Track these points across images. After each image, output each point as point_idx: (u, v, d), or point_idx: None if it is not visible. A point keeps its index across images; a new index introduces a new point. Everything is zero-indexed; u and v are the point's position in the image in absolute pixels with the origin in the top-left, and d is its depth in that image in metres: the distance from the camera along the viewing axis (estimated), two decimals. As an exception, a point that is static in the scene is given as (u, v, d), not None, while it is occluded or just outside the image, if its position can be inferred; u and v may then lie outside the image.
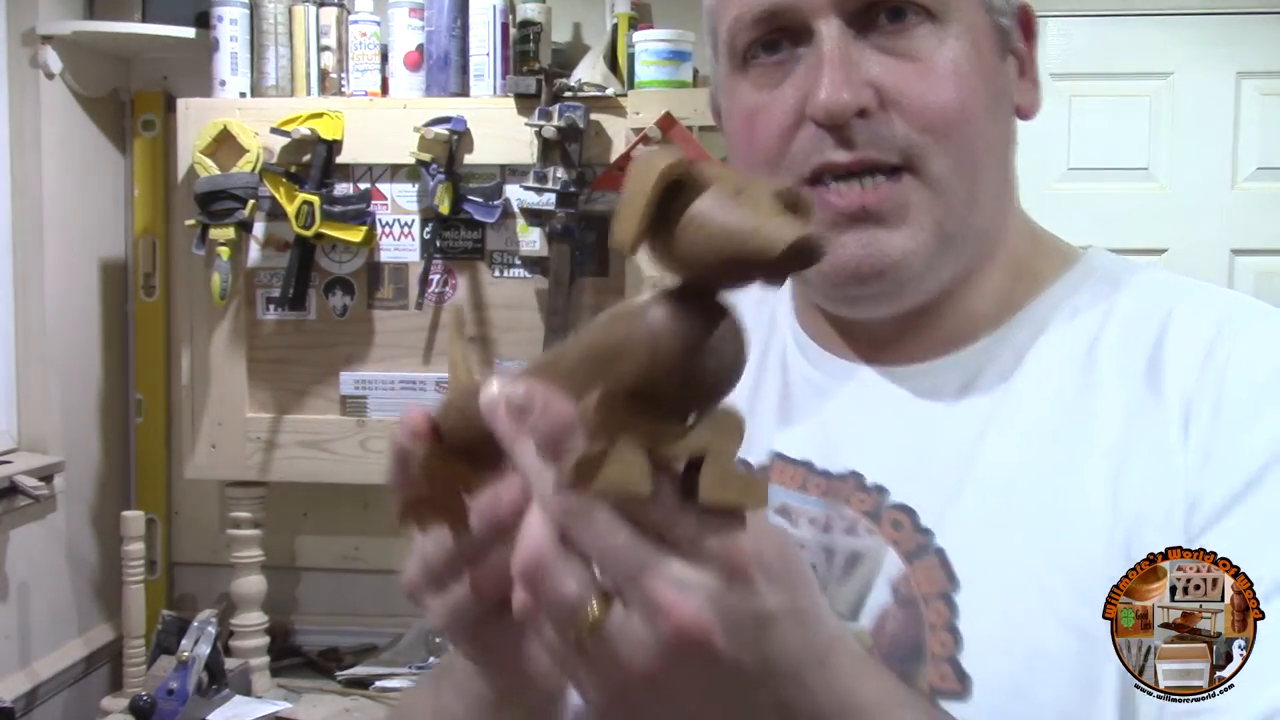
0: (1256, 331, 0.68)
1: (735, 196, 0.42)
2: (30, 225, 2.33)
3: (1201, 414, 0.64)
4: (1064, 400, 0.68)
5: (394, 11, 2.29)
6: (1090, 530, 0.63)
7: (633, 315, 0.44)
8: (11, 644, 2.25)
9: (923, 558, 0.66)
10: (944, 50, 0.68)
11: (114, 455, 2.57)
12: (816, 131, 0.67)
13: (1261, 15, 2.79)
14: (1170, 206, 2.84)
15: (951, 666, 0.63)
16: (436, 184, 2.19)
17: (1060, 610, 0.62)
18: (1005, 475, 0.67)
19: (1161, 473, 0.64)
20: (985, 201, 0.71)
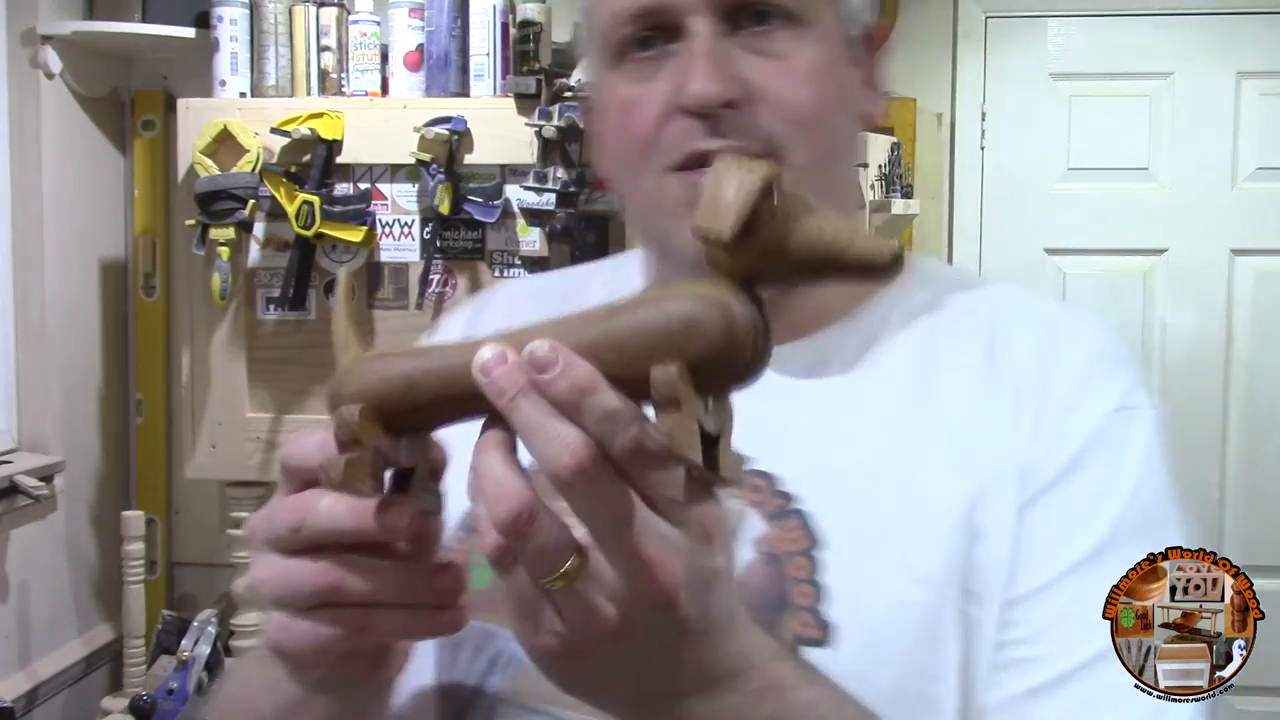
0: (1073, 327, 0.78)
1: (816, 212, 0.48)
2: (30, 225, 2.33)
3: (1030, 398, 0.73)
4: (908, 382, 0.75)
5: (394, 11, 2.29)
6: (937, 495, 0.70)
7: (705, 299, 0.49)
8: (11, 644, 2.25)
9: (784, 519, 0.71)
10: (804, 52, 0.73)
11: (114, 455, 2.57)
12: (687, 121, 0.71)
13: (1261, 15, 2.80)
14: (1170, 206, 2.84)
15: (813, 616, 0.68)
16: (436, 184, 2.19)
17: (912, 566, 0.68)
18: (858, 445, 0.73)
19: (998, 447, 0.71)
20: (838, 196, 0.77)
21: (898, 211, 2.43)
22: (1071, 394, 0.73)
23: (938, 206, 2.81)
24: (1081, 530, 0.69)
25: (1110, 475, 0.71)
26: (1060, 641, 0.68)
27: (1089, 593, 0.67)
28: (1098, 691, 0.67)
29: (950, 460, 0.71)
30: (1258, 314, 2.85)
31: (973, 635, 0.68)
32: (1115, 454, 0.72)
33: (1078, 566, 0.69)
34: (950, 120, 2.83)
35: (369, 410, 0.53)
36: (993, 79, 2.84)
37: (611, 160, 0.79)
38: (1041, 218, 2.87)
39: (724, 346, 0.48)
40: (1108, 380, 0.75)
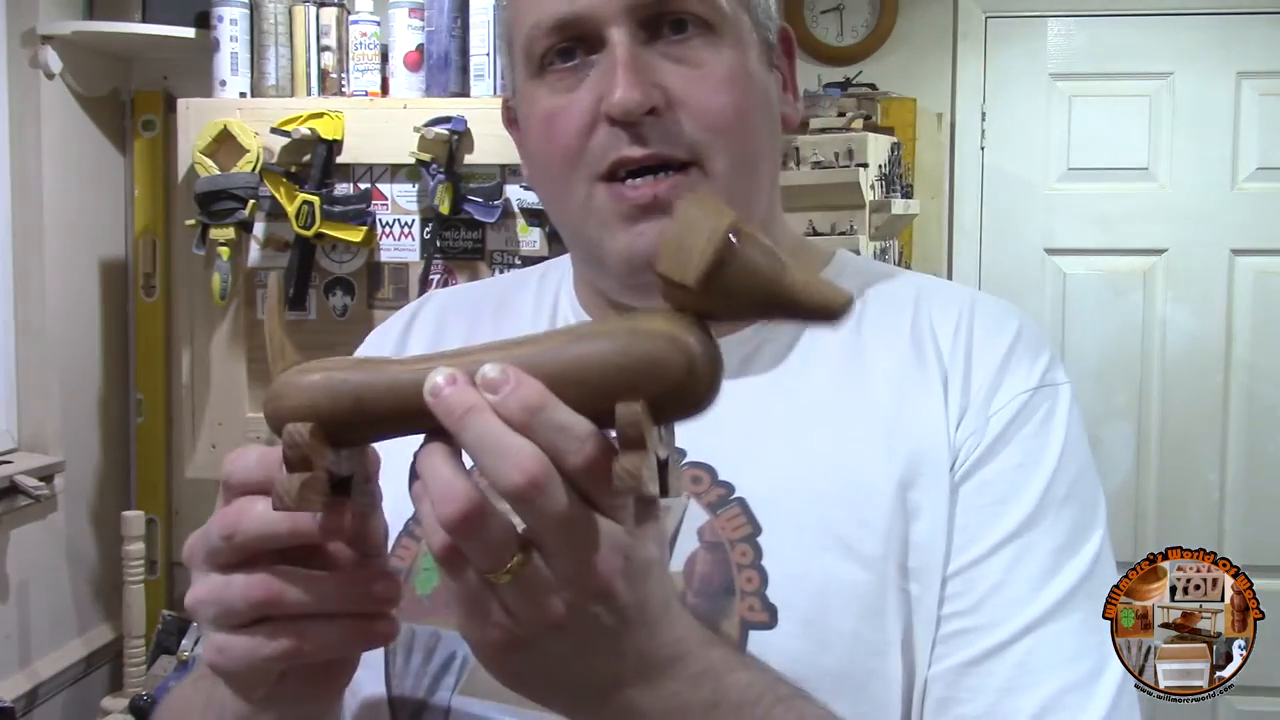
0: (990, 311, 0.80)
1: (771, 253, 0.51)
2: (30, 225, 2.33)
3: (956, 382, 0.76)
4: (838, 370, 0.77)
5: (394, 11, 2.29)
6: (871, 477, 0.73)
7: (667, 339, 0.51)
8: (11, 644, 2.25)
9: (725, 507, 0.73)
10: (721, 59, 0.75)
11: (114, 455, 2.57)
12: (611, 130, 0.73)
13: (1261, 15, 2.79)
14: (1170, 206, 2.84)
15: (759, 600, 0.70)
16: (436, 184, 2.19)
17: (851, 546, 0.71)
18: (793, 434, 0.75)
19: (928, 429, 0.74)
20: (761, 199, 0.79)
21: (898, 211, 2.43)
22: (995, 374, 0.76)
23: (938, 206, 2.81)
24: (1011, 503, 0.73)
25: (1035, 450, 0.74)
26: (995, 612, 0.71)
27: (1021, 563, 0.71)
28: (1032, 658, 0.70)
29: (883, 443, 0.74)
30: (1258, 314, 2.85)
31: (913, 611, 0.71)
32: (1038, 429, 0.75)
33: (1009, 539, 0.72)
34: (950, 120, 2.83)
35: (318, 429, 0.54)
36: (993, 79, 2.83)
37: (538, 170, 0.80)
38: (1041, 218, 2.87)
39: (685, 384, 0.51)
40: (1027, 360, 0.77)
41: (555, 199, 0.79)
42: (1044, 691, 0.69)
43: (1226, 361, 2.85)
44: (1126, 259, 2.87)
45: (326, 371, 0.55)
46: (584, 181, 0.75)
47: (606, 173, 0.74)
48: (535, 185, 0.84)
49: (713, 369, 0.52)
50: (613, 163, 0.74)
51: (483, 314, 0.88)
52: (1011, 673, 0.70)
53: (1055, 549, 0.72)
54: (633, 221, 0.74)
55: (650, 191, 0.73)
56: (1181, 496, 2.85)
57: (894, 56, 2.79)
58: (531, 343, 0.53)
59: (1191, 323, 2.85)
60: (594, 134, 0.74)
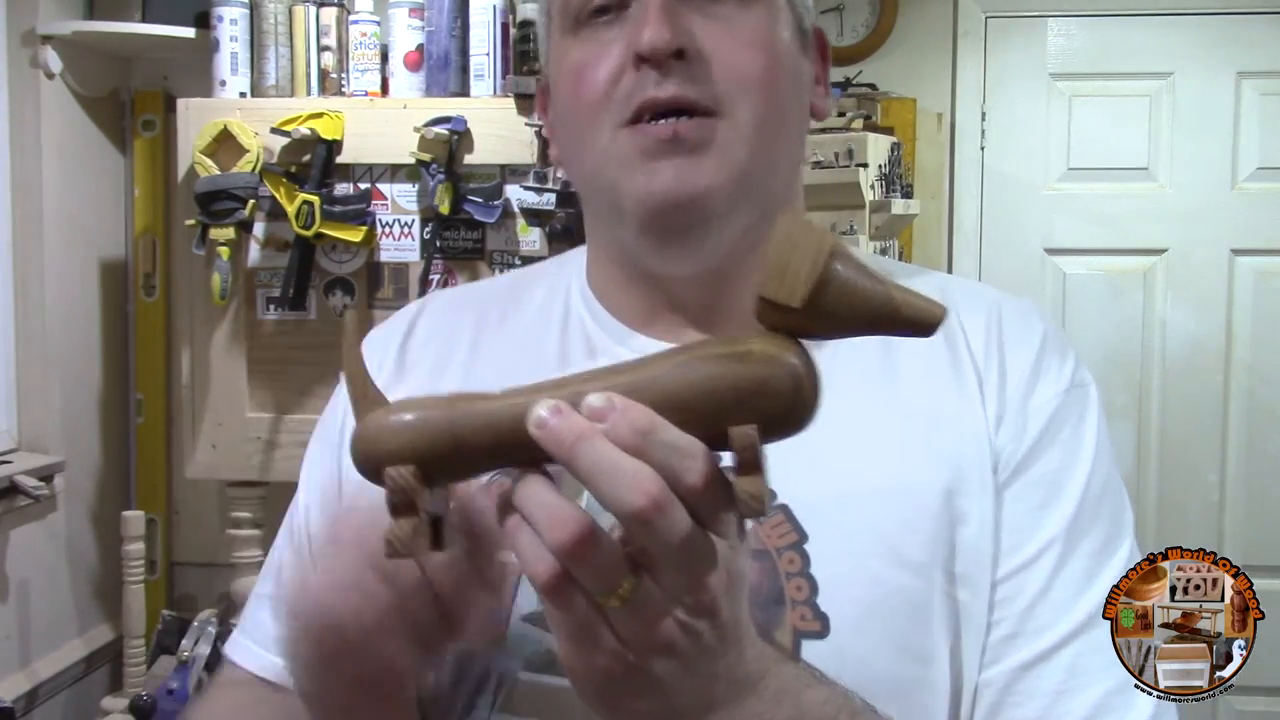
0: (1015, 314, 0.80)
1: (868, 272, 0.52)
2: (30, 225, 2.33)
3: (992, 383, 0.76)
4: (875, 372, 0.76)
5: (394, 11, 2.29)
6: (916, 482, 0.72)
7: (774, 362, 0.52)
8: (11, 644, 2.25)
9: (769, 515, 0.71)
10: (752, 20, 0.75)
11: (114, 455, 2.57)
12: (639, 73, 0.73)
13: (1261, 15, 2.79)
14: (1170, 206, 2.84)
15: (810, 609, 0.69)
16: (436, 184, 2.19)
17: (898, 552, 0.70)
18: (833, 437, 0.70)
19: (970, 431, 0.74)
20: (781, 167, 0.78)
21: (898, 211, 2.43)
22: (1029, 378, 0.76)
23: (938, 206, 2.81)
24: (1053, 507, 0.73)
25: (1072, 451, 0.75)
26: (1044, 616, 0.71)
27: (1065, 566, 0.71)
28: (1082, 660, 0.70)
29: (923, 446, 0.73)
30: (1258, 314, 2.85)
31: (962, 618, 0.71)
32: (1073, 431, 0.75)
33: (1053, 542, 0.72)
34: (950, 120, 2.83)
35: (418, 471, 0.53)
36: (993, 79, 2.83)
37: (562, 125, 0.80)
38: (1041, 218, 2.87)
39: (793, 405, 0.52)
40: (1058, 361, 0.78)
41: (578, 149, 0.78)
42: (1094, 693, 0.70)
43: (1226, 361, 2.85)
44: (1126, 259, 2.87)
45: (420, 411, 0.54)
46: (608, 128, 0.74)
47: (631, 118, 0.74)
48: (560, 143, 0.82)
49: (816, 388, 0.53)
50: (638, 106, 0.73)
51: (490, 311, 0.87)
52: (1062, 676, 0.70)
53: (1095, 550, 0.73)
54: (652, 159, 0.73)
55: (672, 128, 0.72)
56: (1181, 496, 2.85)
57: (894, 56, 2.79)
58: (631, 370, 0.53)
59: (1191, 323, 2.85)
60: (621, 79, 0.74)
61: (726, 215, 0.75)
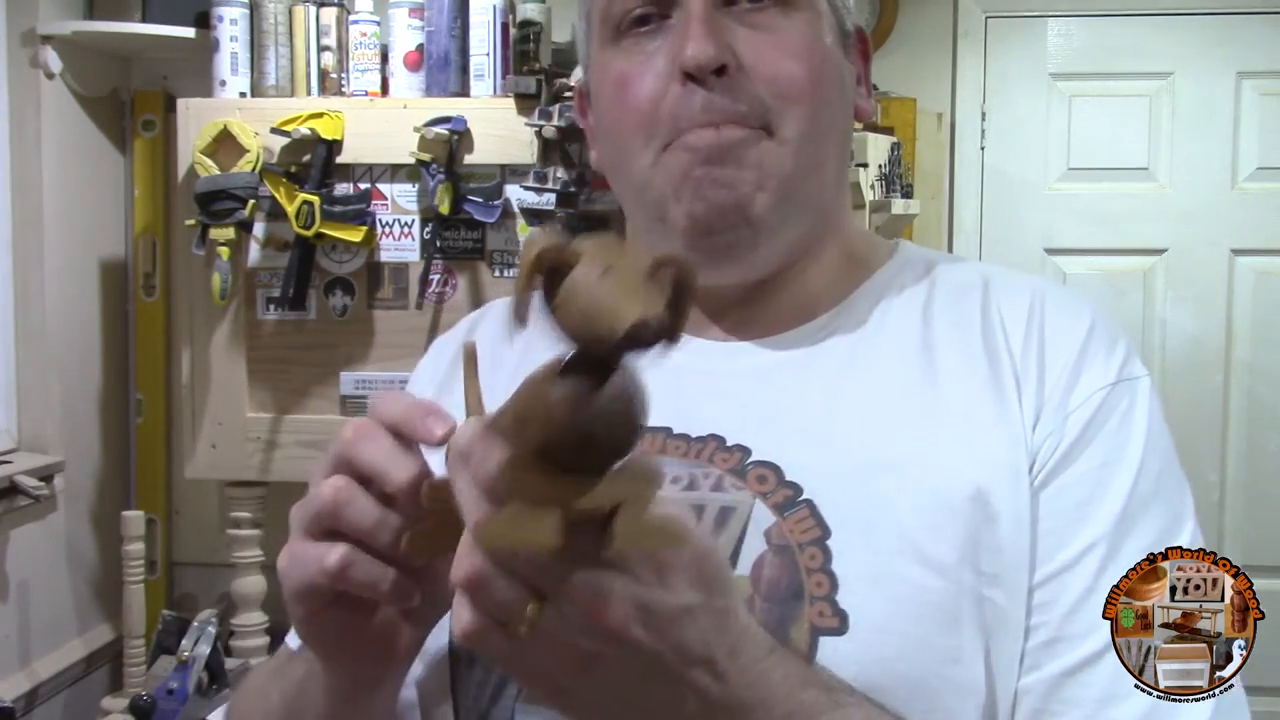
0: (1060, 305, 0.78)
1: (603, 274, 0.47)
2: (30, 225, 2.33)
3: (1030, 379, 0.73)
4: (907, 367, 0.75)
5: (394, 11, 2.29)
6: (945, 480, 0.70)
7: (535, 382, 0.49)
8: (11, 644, 2.25)
9: (793, 509, 0.71)
10: (796, 28, 0.75)
11: (114, 455, 2.57)
12: (683, 91, 0.73)
13: (1261, 15, 2.80)
14: (1170, 206, 2.84)
15: (830, 605, 0.68)
16: (436, 184, 2.19)
17: (924, 552, 0.68)
18: (862, 432, 0.73)
19: (1004, 430, 0.72)
20: (827, 175, 0.78)
21: (898, 211, 2.43)
22: (1071, 371, 0.74)
23: (938, 206, 2.81)
24: (1096, 505, 0.71)
25: (1117, 448, 0.72)
26: (1087, 620, 0.69)
27: (1110, 567, 0.69)
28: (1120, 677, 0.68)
29: (957, 443, 0.71)
30: (1258, 314, 2.85)
31: (995, 617, 0.68)
32: (1119, 428, 0.73)
33: (1097, 542, 0.70)
34: (950, 120, 2.83)
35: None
36: (993, 79, 2.83)
37: (607, 136, 0.80)
38: (1041, 218, 2.87)
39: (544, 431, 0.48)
40: (1103, 355, 0.75)
41: (623, 161, 0.78)
42: (1142, 701, 0.68)
43: (1226, 361, 2.85)
44: (1126, 259, 2.87)
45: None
46: (654, 145, 0.75)
47: (676, 138, 0.74)
48: (603, 153, 0.82)
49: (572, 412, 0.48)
50: (684, 127, 0.74)
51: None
52: (1107, 683, 0.68)
53: (1145, 549, 0.70)
54: (697, 178, 0.73)
55: (715, 139, 0.73)
56: (1181, 496, 2.85)
57: (894, 56, 2.78)
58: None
59: (1191, 323, 2.85)
60: (665, 96, 0.74)
61: (777, 228, 0.75)
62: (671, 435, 0.75)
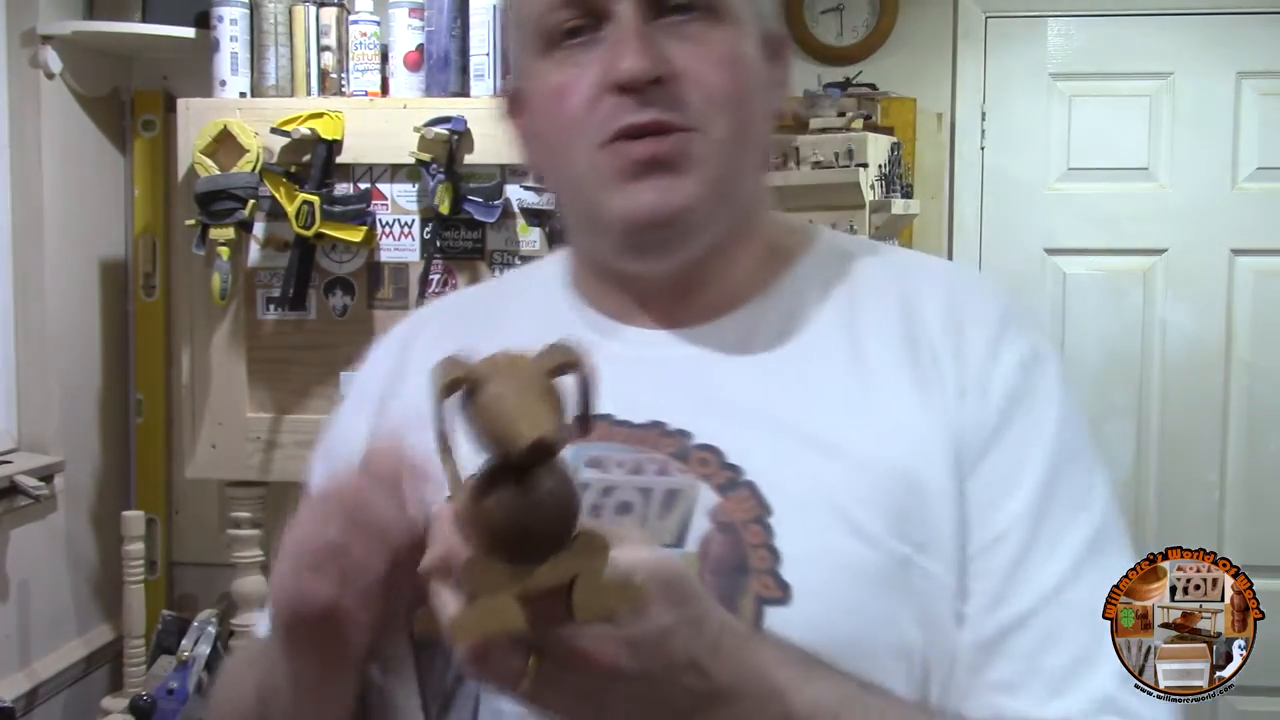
0: (974, 287, 0.85)
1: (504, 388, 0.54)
2: (30, 225, 2.33)
3: (950, 364, 0.79)
4: (834, 354, 0.81)
5: (394, 11, 2.29)
6: (873, 458, 0.75)
7: (472, 490, 0.55)
8: (11, 644, 2.25)
9: (735, 490, 0.76)
10: (723, 38, 0.79)
11: (114, 455, 2.57)
12: (617, 99, 0.76)
13: (1261, 15, 2.79)
14: (1170, 206, 2.83)
15: (773, 577, 0.73)
16: (436, 184, 2.19)
17: (856, 525, 0.74)
18: (795, 416, 0.78)
19: (927, 412, 0.77)
20: (751, 175, 0.83)
21: (898, 211, 2.43)
22: (988, 356, 0.79)
23: (938, 206, 2.81)
24: (1023, 477, 0.76)
25: (1037, 422, 0.78)
26: (1021, 581, 0.75)
27: (1039, 532, 0.75)
28: (1061, 616, 0.74)
29: (883, 425, 0.77)
30: (1258, 314, 2.84)
31: (926, 583, 0.74)
32: (1036, 403, 0.78)
33: (1026, 511, 0.76)
34: (950, 120, 2.83)
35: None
36: (993, 79, 2.83)
37: (543, 144, 0.83)
38: (1041, 218, 2.87)
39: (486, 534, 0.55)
40: (1016, 335, 0.80)
41: (558, 168, 0.82)
42: (1072, 649, 0.73)
43: (1226, 361, 2.85)
44: (1126, 259, 2.87)
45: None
46: (588, 150, 0.78)
47: (610, 139, 0.77)
48: (539, 160, 0.86)
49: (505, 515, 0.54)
50: (617, 130, 0.77)
51: (481, 317, 0.92)
52: (1040, 637, 0.74)
53: (1065, 516, 0.76)
54: (633, 179, 0.77)
55: (652, 149, 0.76)
56: (1181, 496, 2.85)
57: (894, 56, 2.78)
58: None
59: (1191, 323, 2.85)
60: (600, 104, 0.77)
61: (706, 225, 0.80)
62: (614, 423, 0.79)
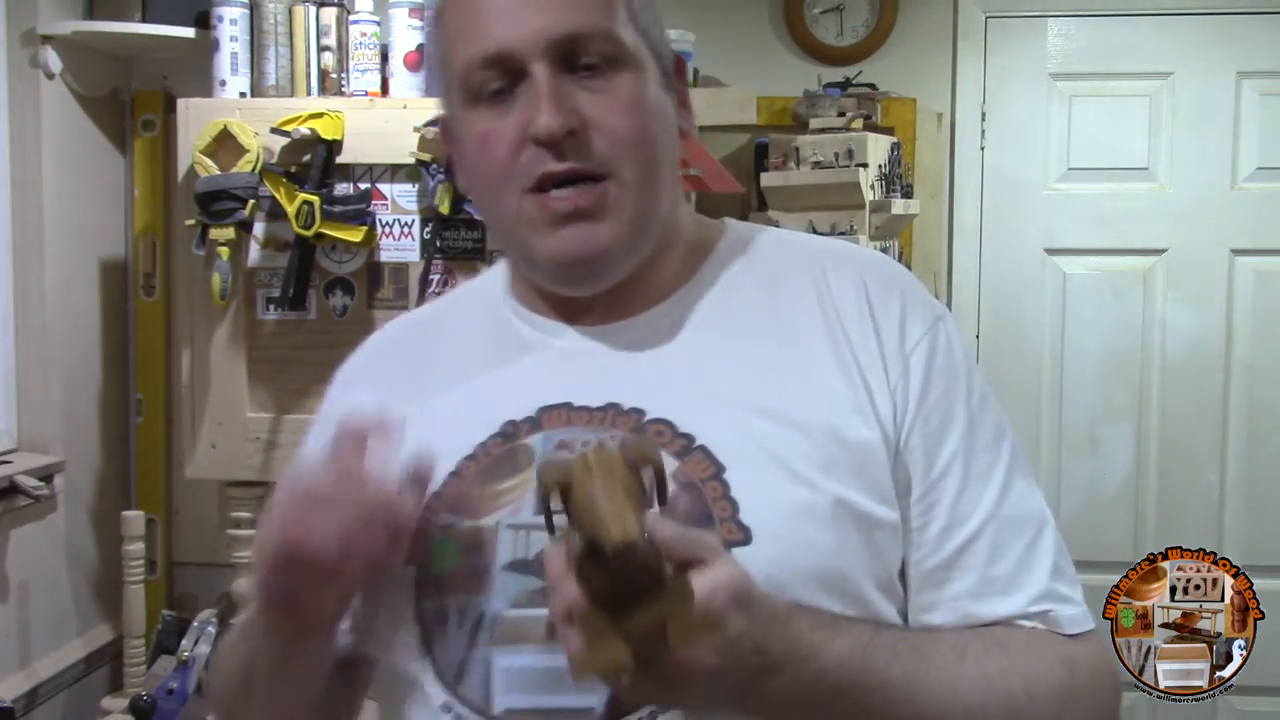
0: (875, 266, 0.99)
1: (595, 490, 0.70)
2: (30, 225, 2.33)
3: (868, 340, 0.92)
4: (761, 329, 0.94)
5: (394, 11, 2.29)
6: (804, 417, 0.89)
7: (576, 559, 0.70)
8: (11, 644, 2.25)
9: (690, 455, 0.88)
10: (626, 88, 0.90)
11: (114, 455, 2.57)
12: (537, 150, 0.88)
13: (1261, 15, 2.79)
14: (1170, 206, 2.83)
15: (735, 524, 0.86)
16: (436, 184, 2.19)
17: (798, 474, 0.87)
18: (732, 387, 0.91)
19: (849, 378, 0.91)
20: (664, 200, 0.94)
21: (898, 211, 2.43)
22: (900, 325, 0.93)
23: (938, 206, 2.81)
24: (951, 424, 0.92)
25: (951, 374, 0.93)
26: (963, 509, 0.90)
27: (972, 466, 0.91)
28: (1001, 533, 0.90)
29: (808, 390, 0.90)
30: (1258, 314, 2.84)
31: (872, 519, 0.88)
32: (948, 358, 0.93)
33: (958, 451, 0.91)
34: (950, 120, 2.82)
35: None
36: (993, 79, 2.83)
37: (475, 184, 0.95)
38: (1041, 218, 2.87)
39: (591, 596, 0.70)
40: (919, 304, 0.95)
41: (491, 208, 0.94)
42: (1013, 557, 0.90)
43: (1226, 361, 2.84)
44: (1126, 259, 2.87)
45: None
46: (515, 194, 0.89)
47: (534, 186, 0.88)
48: (473, 195, 0.99)
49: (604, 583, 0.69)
50: (539, 177, 0.88)
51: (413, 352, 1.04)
52: (988, 551, 0.90)
53: (989, 445, 0.92)
54: (559, 226, 0.89)
55: (573, 202, 0.88)
56: (1181, 496, 2.85)
57: (894, 56, 2.78)
58: None
59: (1191, 323, 2.85)
60: (522, 153, 0.88)
61: (626, 258, 0.92)
62: (573, 409, 0.92)
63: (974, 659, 0.87)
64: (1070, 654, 0.90)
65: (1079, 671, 0.90)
